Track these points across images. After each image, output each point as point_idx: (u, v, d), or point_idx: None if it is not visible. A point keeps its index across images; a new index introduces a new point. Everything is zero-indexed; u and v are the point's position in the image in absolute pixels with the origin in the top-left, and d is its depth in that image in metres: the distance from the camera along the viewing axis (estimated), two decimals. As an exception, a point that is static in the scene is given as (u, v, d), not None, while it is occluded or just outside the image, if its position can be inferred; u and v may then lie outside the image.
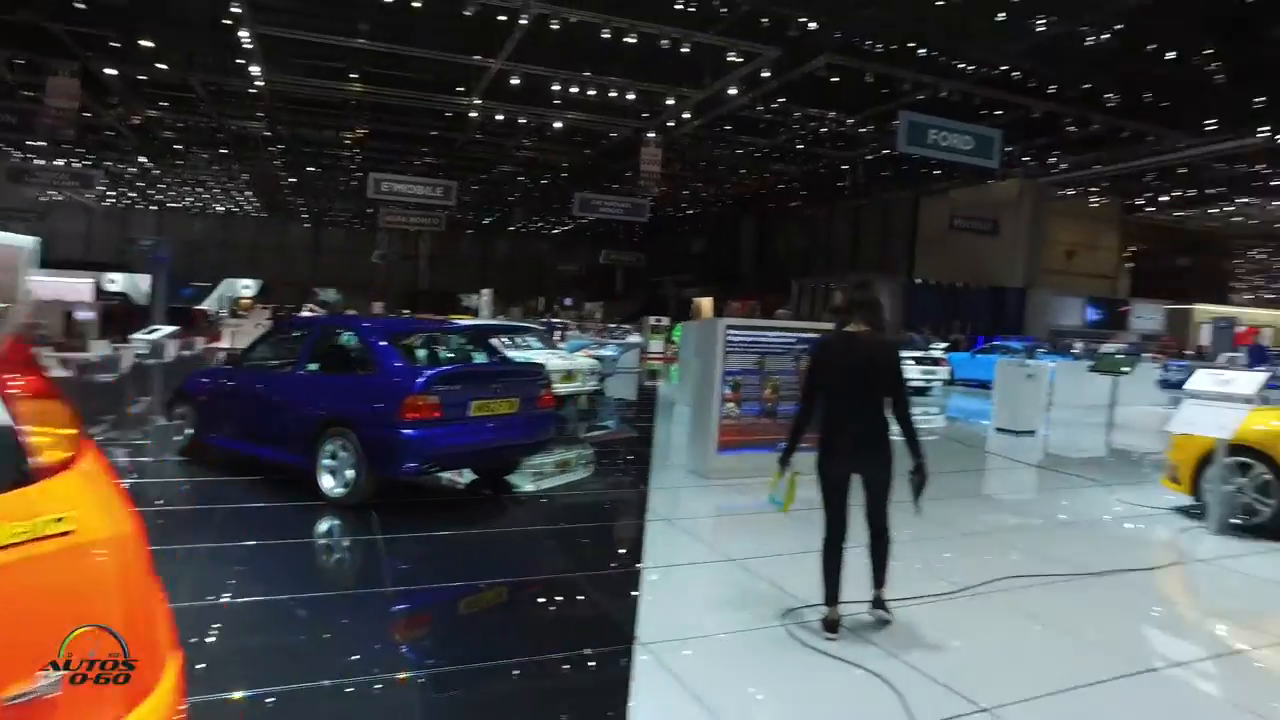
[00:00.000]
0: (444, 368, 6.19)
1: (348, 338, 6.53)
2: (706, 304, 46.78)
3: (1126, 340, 29.19)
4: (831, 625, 3.76)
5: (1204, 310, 37.64)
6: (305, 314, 29.47)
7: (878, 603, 3.96)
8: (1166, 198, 34.45)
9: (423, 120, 28.03)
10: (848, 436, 3.75)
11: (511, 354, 10.59)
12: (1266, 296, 55.07)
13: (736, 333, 6.99)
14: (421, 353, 6.87)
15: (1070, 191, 33.67)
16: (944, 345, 22.41)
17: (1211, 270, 46.40)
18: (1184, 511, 6.62)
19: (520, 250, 60.22)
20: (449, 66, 22.17)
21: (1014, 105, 22.94)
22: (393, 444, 5.48)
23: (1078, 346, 23.20)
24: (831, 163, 32.25)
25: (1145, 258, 44.79)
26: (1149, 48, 19.19)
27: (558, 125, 27.89)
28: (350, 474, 5.68)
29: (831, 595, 3.78)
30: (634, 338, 26.20)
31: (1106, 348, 22.24)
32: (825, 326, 7.45)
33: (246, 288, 50.44)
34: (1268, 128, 22.67)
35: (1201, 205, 35.58)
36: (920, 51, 20.19)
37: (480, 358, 7.00)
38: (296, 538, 5.22)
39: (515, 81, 22.61)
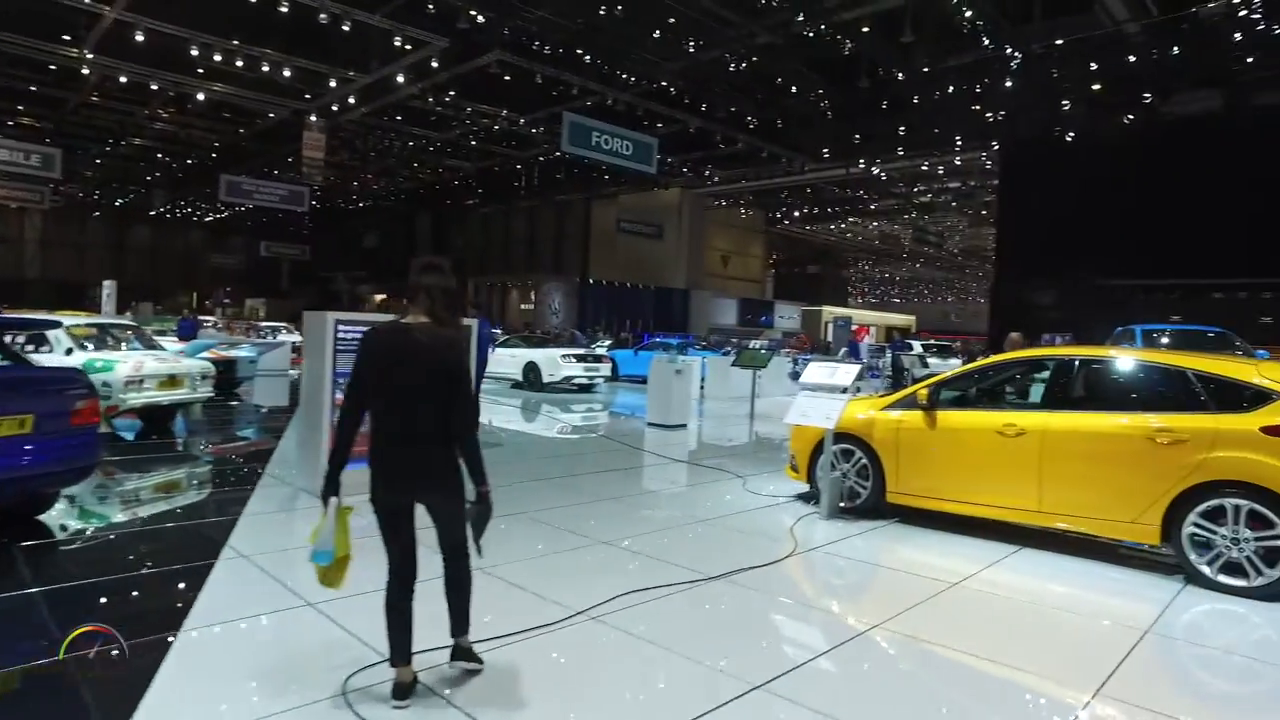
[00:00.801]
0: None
1: None
2: (379, 301, 44.34)
3: (771, 337, 32.74)
4: (402, 690, 3.06)
5: (830, 311, 43.81)
6: None
7: (460, 653, 3.30)
8: (798, 213, 39.45)
9: (11, 69, 22.72)
10: (399, 456, 3.02)
11: (92, 356, 8.64)
12: (872, 300, 66.25)
13: (349, 329, 6.11)
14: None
15: (723, 202, 37.05)
16: (609, 342, 23.15)
17: (835, 277, 54.45)
18: (804, 499, 7.03)
19: (167, 239, 52.33)
20: (44, 4, 18.08)
21: (672, 119, 24.54)
22: None
23: (731, 343, 25.33)
24: (506, 161, 32.12)
25: (785, 265, 51.21)
26: (777, 80, 21.57)
27: (201, 97, 24.31)
28: None
29: (400, 653, 3.09)
30: (290, 337, 23.73)
31: (753, 344, 24.53)
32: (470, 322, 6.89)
33: None
34: (863, 161, 26.82)
35: (823, 222, 41.39)
36: (587, 58, 20.69)
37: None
38: None
39: (140, 38, 19.10)
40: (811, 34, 18.43)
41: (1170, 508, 4.83)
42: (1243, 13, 15.97)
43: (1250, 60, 18.30)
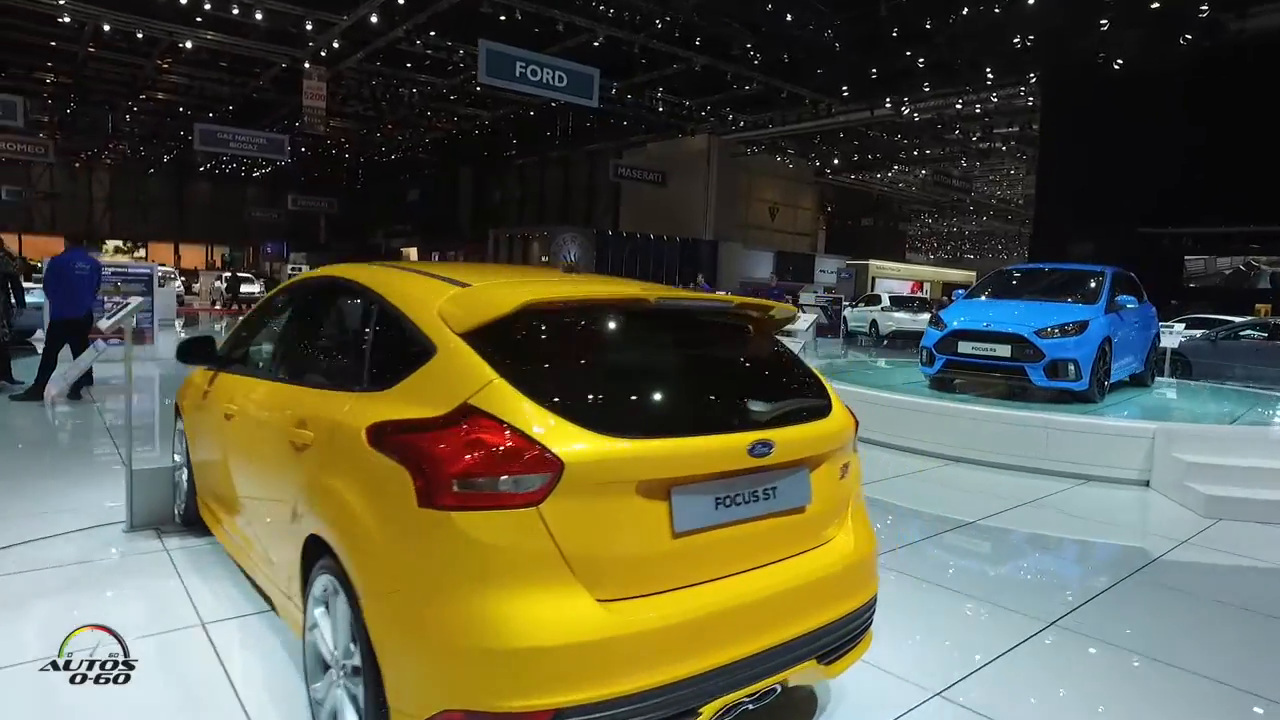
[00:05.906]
0: None
1: None
2: (414, 255, 44.15)
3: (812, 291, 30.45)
4: None
5: (878, 265, 41.21)
6: None
7: None
8: (837, 160, 36.75)
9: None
10: None
11: None
12: (944, 256, 62.30)
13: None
14: None
15: (753, 150, 34.67)
16: None
17: (891, 231, 51.21)
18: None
19: (221, 194, 53.35)
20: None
21: (674, 57, 22.66)
22: None
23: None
24: (521, 108, 30.71)
25: (839, 218, 48.39)
26: (775, 10, 19.33)
27: (189, 45, 23.82)
28: None
29: None
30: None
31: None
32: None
33: None
34: (889, 101, 24.20)
35: (870, 170, 38.51)
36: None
37: None
38: None
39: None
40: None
41: (305, 578, 2.45)
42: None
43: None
